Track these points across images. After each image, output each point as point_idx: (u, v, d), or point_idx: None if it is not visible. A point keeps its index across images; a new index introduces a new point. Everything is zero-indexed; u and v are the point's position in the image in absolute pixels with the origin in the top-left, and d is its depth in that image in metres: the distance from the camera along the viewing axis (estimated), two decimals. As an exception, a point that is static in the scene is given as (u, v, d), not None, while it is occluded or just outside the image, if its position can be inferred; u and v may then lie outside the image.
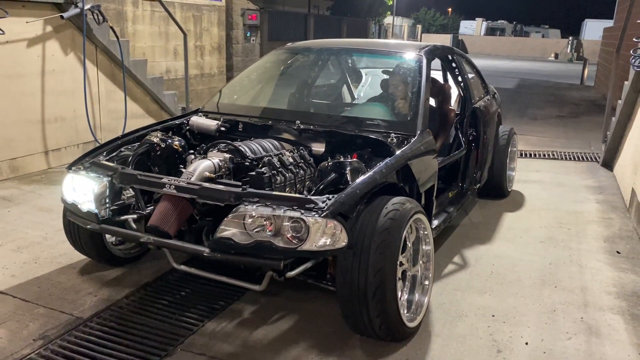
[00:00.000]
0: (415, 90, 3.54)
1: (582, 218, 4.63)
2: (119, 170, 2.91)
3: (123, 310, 2.98)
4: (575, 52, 35.18)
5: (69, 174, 3.03)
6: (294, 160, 3.00)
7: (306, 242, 2.38)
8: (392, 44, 4.58)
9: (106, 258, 3.40)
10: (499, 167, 4.85)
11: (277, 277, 2.62)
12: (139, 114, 6.60)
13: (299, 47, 4.42)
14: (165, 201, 2.73)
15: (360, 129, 3.27)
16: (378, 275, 2.44)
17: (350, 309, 2.54)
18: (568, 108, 11.66)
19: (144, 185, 2.81)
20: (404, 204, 2.66)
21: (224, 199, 2.57)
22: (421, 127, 3.27)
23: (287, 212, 2.42)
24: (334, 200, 2.46)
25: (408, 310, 2.78)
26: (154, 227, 2.69)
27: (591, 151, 7.21)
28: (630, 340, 2.77)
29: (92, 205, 2.87)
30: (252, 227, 2.45)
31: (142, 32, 7.21)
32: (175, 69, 7.77)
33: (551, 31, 53.21)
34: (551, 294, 3.25)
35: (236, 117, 3.55)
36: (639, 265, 3.70)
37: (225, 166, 2.92)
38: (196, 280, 3.30)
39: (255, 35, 9.72)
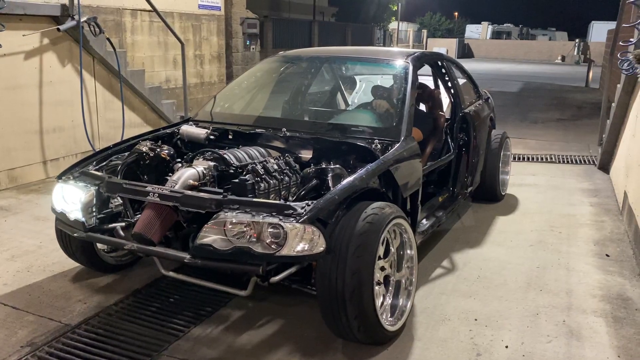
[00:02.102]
0: (401, 96, 3.58)
1: (574, 221, 4.63)
2: (105, 179, 2.97)
3: (111, 316, 3.02)
4: (582, 55, 35.05)
5: (58, 183, 3.09)
6: (279, 167, 3.03)
7: (284, 247, 2.42)
8: (380, 52, 4.64)
9: (97, 265, 3.45)
10: (491, 171, 4.88)
11: (261, 283, 2.67)
12: (137, 123, 6.68)
13: (290, 55, 4.48)
14: (149, 209, 2.78)
15: (345, 135, 3.33)
16: (355, 277, 2.47)
17: (329, 312, 2.57)
18: (570, 111, 11.62)
19: (129, 193, 2.86)
20: (384, 209, 2.70)
21: (204, 206, 2.61)
22: (405, 133, 3.31)
23: (266, 218, 2.46)
24: (313, 206, 2.50)
25: (392, 315, 2.82)
26: (138, 235, 2.74)
27: (589, 154, 7.20)
28: (610, 343, 2.78)
29: (79, 214, 2.93)
30: (232, 233, 2.49)
31: (141, 43, 7.31)
32: (175, 78, 7.86)
33: (558, 34, 53.01)
34: (536, 297, 3.26)
35: (225, 126, 3.61)
36: (627, 267, 3.70)
37: (209, 174, 2.96)
38: (185, 286, 3.35)
39: (255, 44, 9.79)
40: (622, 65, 4.20)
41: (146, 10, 7.03)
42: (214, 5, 8.67)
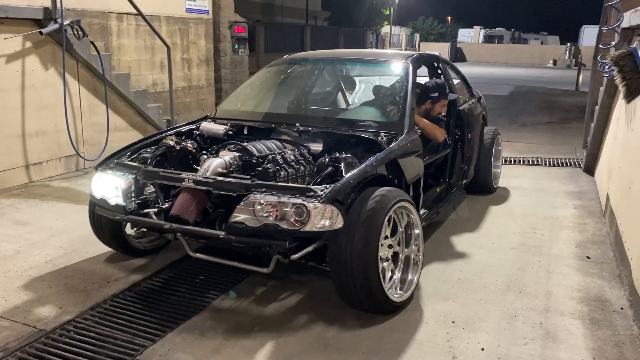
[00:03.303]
0: (403, 94, 3.94)
1: (557, 223, 4.64)
2: (142, 168, 3.31)
3: (87, 321, 3.00)
4: (573, 59, 35.22)
5: (97, 173, 3.40)
6: (295, 158, 3.36)
7: (307, 224, 2.76)
8: (382, 54, 5.12)
9: (126, 249, 3.76)
10: (485, 165, 5.21)
11: (283, 260, 2.95)
12: (122, 127, 6.66)
13: (296, 58, 4.82)
14: (184, 193, 3.12)
15: (353, 129, 3.67)
16: (362, 252, 2.80)
17: (341, 284, 2.92)
18: (559, 114, 11.68)
19: (165, 180, 3.22)
20: (390, 192, 3.04)
21: (235, 190, 2.97)
22: (407, 127, 3.66)
23: (291, 199, 2.80)
24: (331, 188, 2.84)
25: (400, 288, 3.14)
26: (176, 216, 3.08)
27: (575, 157, 7.23)
28: (586, 345, 2.78)
29: (120, 199, 3.23)
30: (261, 212, 2.81)
31: (127, 46, 7.28)
32: (162, 82, 7.83)
33: (550, 38, 53.29)
34: (514, 300, 3.25)
35: (242, 122, 3.94)
36: (607, 270, 3.70)
37: (235, 163, 3.30)
38: (163, 291, 3.34)
39: (244, 48, 9.78)
40: (602, 68, 4.22)
41: (132, 13, 7.01)
42: (201, 9, 8.65)
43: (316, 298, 3.26)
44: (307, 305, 3.19)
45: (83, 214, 4.68)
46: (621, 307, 3.16)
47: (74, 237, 4.20)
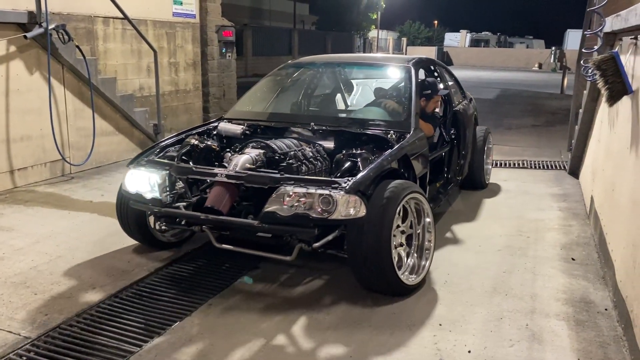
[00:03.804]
0: (407, 95, 4.26)
1: (542, 225, 4.68)
2: (175, 164, 3.55)
3: (73, 328, 2.97)
4: (558, 62, 35.60)
5: (130, 170, 3.61)
6: (313, 155, 3.65)
7: (334, 213, 3.03)
8: (385, 58, 5.58)
9: (151, 242, 3.95)
10: (478, 162, 5.53)
11: (306, 248, 3.20)
12: (108, 131, 6.61)
13: (303, 62, 5.14)
14: (217, 187, 3.35)
15: (364, 127, 3.93)
16: (376, 238, 3.05)
17: (358, 269, 3.20)
18: (544, 117, 11.79)
19: (199, 175, 3.45)
20: (402, 184, 3.33)
21: (266, 183, 3.22)
22: (414, 125, 3.97)
23: (318, 190, 3.07)
24: (354, 180, 3.12)
25: (412, 272, 3.40)
26: (211, 208, 3.29)
27: (561, 159, 7.30)
28: (571, 346, 2.80)
29: (156, 193, 3.45)
30: (291, 203, 3.07)
31: (114, 50, 7.23)
32: (149, 86, 7.79)
33: (535, 42, 53.86)
34: (501, 302, 3.28)
35: (259, 122, 4.20)
36: (592, 271, 3.74)
37: (260, 159, 3.53)
38: (150, 296, 3.33)
39: (232, 51, 9.75)
40: (586, 71, 4.27)
41: (119, 18, 6.97)
42: (188, 13, 8.63)
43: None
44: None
45: (68, 219, 4.66)
46: (605, 308, 3.20)
47: (59, 242, 4.16)
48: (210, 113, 9.30)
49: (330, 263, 3.73)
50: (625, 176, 3.34)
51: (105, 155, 6.61)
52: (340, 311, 3.16)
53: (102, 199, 5.26)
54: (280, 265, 3.74)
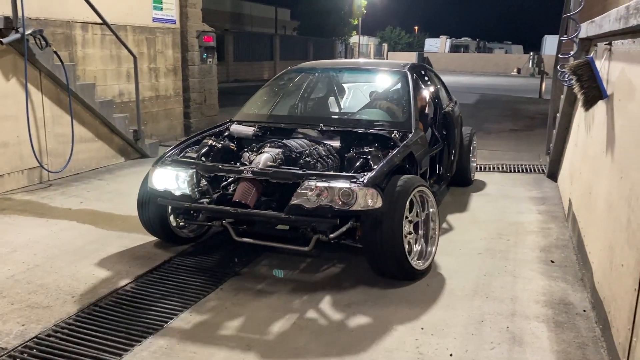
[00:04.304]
0: (406, 97, 4.59)
1: (522, 229, 4.74)
2: (201, 163, 3.81)
3: (51, 338, 2.92)
4: (536, 67, 36.09)
5: (157, 168, 3.82)
6: (325, 153, 3.97)
7: (354, 204, 3.32)
8: (382, 63, 5.84)
9: (170, 238, 4.15)
10: (464, 160, 5.87)
11: (324, 238, 3.47)
12: (87, 137, 6.53)
13: (304, 67, 5.49)
14: (243, 183, 3.60)
15: (369, 128, 4.24)
16: (389, 228, 3.37)
17: (373, 256, 3.51)
18: (523, 122, 11.95)
19: (225, 172, 3.72)
20: (411, 179, 3.67)
21: (290, 178, 3.51)
22: (415, 125, 4.29)
23: (339, 184, 3.36)
24: (370, 175, 3.44)
25: (420, 258, 3.70)
26: (238, 202, 3.54)
27: (539, 163, 7.40)
28: (551, 347, 2.84)
29: (186, 190, 3.67)
30: (314, 196, 3.35)
31: (93, 56, 7.16)
32: (129, 92, 7.71)
33: (514, 47, 54.54)
34: (481, 305, 3.30)
35: (269, 124, 4.49)
36: (570, 273, 3.79)
37: (279, 157, 3.79)
38: (130, 304, 3.28)
39: (212, 57, 9.72)
40: (562, 76, 4.35)
41: (97, 23, 6.90)
42: (168, 19, 8.58)
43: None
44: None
45: (46, 227, 4.59)
46: (584, 310, 3.25)
47: (37, 251, 4.09)
48: (191, 119, 9.25)
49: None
50: (601, 179, 3.40)
51: (84, 162, 6.52)
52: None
53: (81, 207, 5.19)
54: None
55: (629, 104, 2.86)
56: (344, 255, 4.03)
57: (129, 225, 4.70)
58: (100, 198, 5.50)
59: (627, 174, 2.74)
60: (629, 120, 2.85)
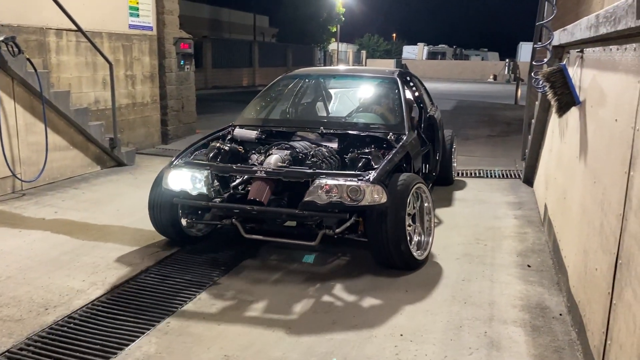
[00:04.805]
0: (398, 102, 4.92)
1: (499, 233, 4.79)
2: (215, 164, 4.05)
3: (23, 352, 2.86)
4: (512, 74, 36.66)
5: (172, 170, 4.01)
6: (327, 154, 4.24)
7: (363, 200, 3.61)
8: (372, 70, 6.20)
9: (181, 236, 4.32)
10: (447, 161, 6.20)
11: (330, 233, 3.78)
12: (62, 146, 6.42)
13: (299, 73, 5.81)
14: (257, 182, 3.85)
15: (366, 130, 4.55)
16: (393, 222, 3.68)
17: (377, 247, 3.80)
18: (500, 127, 12.11)
19: (239, 172, 4.02)
20: (410, 176, 4.02)
21: (302, 177, 3.80)
22: (408, 127, 4.61)
23: (347, 182, 3.65)
24: (375, 173, 3.73)
25: (419, 249, 3.99)
26: (253, 200, 3.77)
27: (515, 168, 7.50)
28: (528, 351, 2.86)
29: (203, 189, 3.90)
30: (325, 193, 3.64)
31: (67, 63, 7.05)
32: (105, 99, 7.61)
33: (490, 54, 55.33)
34: (460, 310, 3.32)
35: (270, 128, 4.76)
36: (547, 277, 3.84)
37: (287, 158, 4.06)
38: (106, 316, 3.22)
39: (190, 64, 9.65)
40: (536, 83, 4.42)
41: (72, 30, 6.80)
42: (145, 25, 8.50)
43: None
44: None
45: (19, 238, 4.49)
46: (560, 314, 3.28)
47: (9, 262, 4.00)
48: (168, 126, 9.17)
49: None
50: (575, 184, 3.46)
51: (58, 171, 6.41)
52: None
53: (56, 216, 5.10)
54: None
55: (601, 110, 2.92)
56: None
57: (105, 234, 4.63)
58: (75, 207, 5.40)
59: (599, 179, 2.79)
60: (600, 126, 2.91)
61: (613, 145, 2.56)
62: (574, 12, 5.22)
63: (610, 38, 2.71)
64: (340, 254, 4.23)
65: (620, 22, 2.26)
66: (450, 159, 6.31)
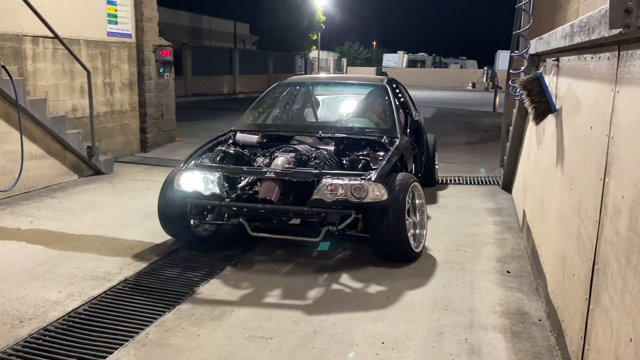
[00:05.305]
0: (389, 107, 5.24)
1: (479, 240, 4.82)
2: (226, 166, 4.31)
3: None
4: (490, 81, 37.15)
5: (184, 172, 4.21)
6: (327, 156, 4.49)
7: (366, 197, 3.90)
8: (363, 77, 6.70)
9: (190, 236, 4.49)
10: (430, 163, 6.51)
11: (332, 229, 4.06)
12: (38, 154, 6.32)
13: (294, 81, 6.14)
14: (267, 182, 4.09)
15: (361, 134, 4.86)
16: (394, 218, 3.99)
17: (379, 242, 4.12)
18: (478, 135, 12.25)
19: (250, 174, 4.25)
20: (407, 176, 4.38)
21: (309, 177, 4.07)
22: (399, 131, 4.93)
23: (351, 181, 3.95)
24: (376, 172, 4.03)
25: (415, 241, 4.28)
26: (264, 199, 4.02)
27: (494, 175, 7.58)
28: (508, 357, 2.88)
29: (216, 190, 4.12)
30: (331, 191, 3.92)
31: (44, 70, 6.94)
32: (82, 107, 7.51)
33: (469, 62, 56.06)
34: (441, 317, 3.33)
35: (270, 132, 5.05)
36: (526, 283, 3.88)
37: (292, 160, 4.34)
38: (83, 327, 3.16)
39: (170, 71, 9.59)
40: (513, 91, 4.48)
41: (49, 37, 6.71)
42: (124, 33, 8.43)
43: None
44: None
45: (-7, 249, 4.39)
46: (539, 319, 3.31)
47: (-17, 274, 3.90)
48: (147, 134, 9.09)
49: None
50: (553, 191, 3.50)
51: (34, 180, 6.30)
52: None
53: (31, 226, 5.00)
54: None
55: (576, 117, 2.97)
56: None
57: (82, 244, 4.55)
58: (51, 217, 5.30)
59: (576, 186, 2.83)
60: (576, 134, 2.95)
61: (588, 152, 2.60)
62: (550, 21, 5.30)
63: (585, 47, 2.76)
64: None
65: (594, 31, 2.31)
66: (433, 161, 6.61)
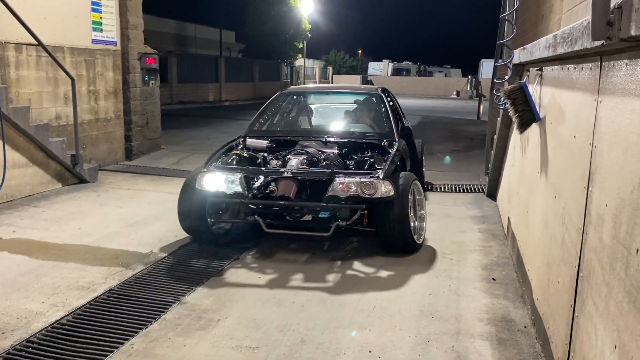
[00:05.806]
0: (386, 113, 5.75)
1: (464, 247, 4.85)
2: (246, 167, 4.73)
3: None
4: (474, 90, 37.54)
5: (207, 174, 4.55)
6: (334, 157, 4.95)
7: (377, 193, 4.32)
8: (359, 87, 7.62)
9: (207, 234, 4.77)
10: (419, 166, 6.67)
11: (342, 224, 4.44)
12: (21, 163, 6.24)
13: (295, 90, 6.77)
14: (284, 181, 4.46)
15: (363, 138, 5.35)
16: (400, 212, 4.41)
17: (385, 235, 4.54)
18: (463, 142, 12.35)
19: (269, 174, 4.57)
20: (408, 174, 4.85)
21: (323, 176, 4.48)
22: (397, 135, 5.40)
23: (362, 178, 4.37)
24: (383, 171, 4.46)
25: (415, 232, 4.62)
26: (281, 196, 4.38)
27: (479, 182, 7.64)
28: (494, 364, 2.90)
29: (239, 189, 4.46)
30: (344, 188, 4.33)
31: (28, 78, 6.87)
32: (67, 115, 7.43)
33: (453, 70, 56.63)
34: (427, 325, 3.34)
35: (279, 137, 5.47)
36: (511, 290, 3.91)
37: (304, 161, 4.75)
38: (67, 339, 3.12)
39: (155, 79, 9.54)
40: (498, 100, 4.53)
41: (33, 44, 6.65)
42: (109, 40, 8.38)
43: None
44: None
45: (-26, 259, 4.31)
46: (525, 326, 3.34)
47: (-36, 285, 3.83)
48: (132, 142, 9.02)
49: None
50: (537, 198, 3.54)
51: (17, 189, 6.21)
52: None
53: (14, 236, 4.92)
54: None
55: (560, 126, 3.01)
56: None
57: (66, 254, 4.49)
58: (34, 226, 5.23)
59: (560, 194, 2.86)
60: (559, 142, 2.99)
61: (572, 160, 2.64)
62: (533, 31, 5.38)
63: (568, 57, 2.81)
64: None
65: (576, 42, 2.35)
66: (421, 164, 6.95)
